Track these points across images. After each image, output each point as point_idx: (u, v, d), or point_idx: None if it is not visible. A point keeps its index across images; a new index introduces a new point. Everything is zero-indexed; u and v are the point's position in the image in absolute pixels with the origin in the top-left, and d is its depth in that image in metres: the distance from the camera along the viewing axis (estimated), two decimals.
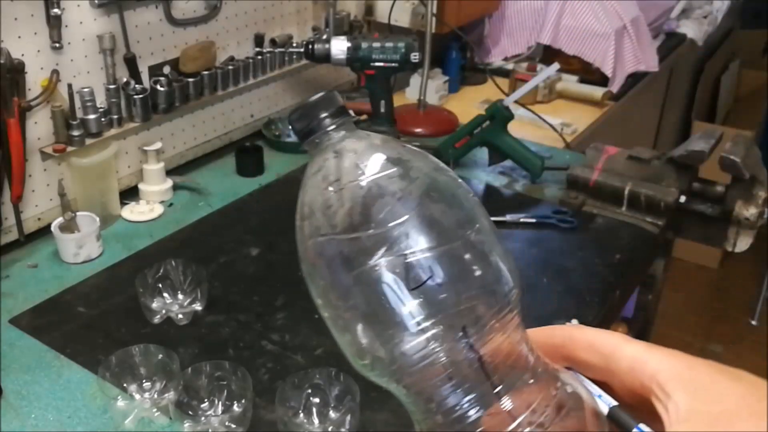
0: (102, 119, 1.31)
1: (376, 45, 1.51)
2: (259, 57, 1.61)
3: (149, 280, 1.08)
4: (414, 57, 1.52)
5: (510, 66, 2.26)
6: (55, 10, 1.19)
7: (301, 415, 0.89)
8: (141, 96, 1.36)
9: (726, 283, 3.21)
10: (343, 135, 0.39)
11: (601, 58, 2.13)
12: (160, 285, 1.10)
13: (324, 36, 1.63)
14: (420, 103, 1.84)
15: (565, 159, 1.62)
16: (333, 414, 0.89)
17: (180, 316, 1.08)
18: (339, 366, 0.90)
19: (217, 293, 1.14)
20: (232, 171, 1.57)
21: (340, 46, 1.51)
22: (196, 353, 1.03)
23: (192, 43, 1.47)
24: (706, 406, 0.32)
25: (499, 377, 0.35)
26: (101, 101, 1.32)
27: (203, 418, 0.90)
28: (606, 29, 2.11)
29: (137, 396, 0.93)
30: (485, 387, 0.35)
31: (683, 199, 1.36)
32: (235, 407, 0.89)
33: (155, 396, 0.92)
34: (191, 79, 1.46)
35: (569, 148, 1.79)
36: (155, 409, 0.91)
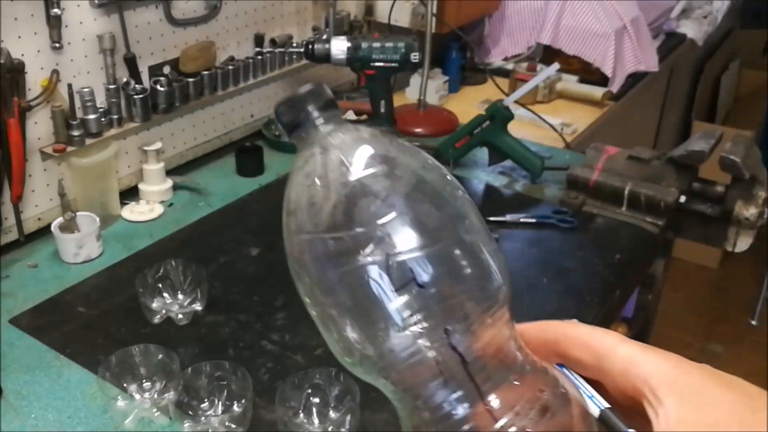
0: (102, 119, 1.31)
1: (376, 45, 1.51)
2: (259, 57, 1.61)
3: (149, 280, 1.08)
4: (414, 57, 1.52)
5: (510, 66, 2.26)
6: (55, 10, 1.19)
7: (301, 415, 0.89)
8: (141, 96, 1.36)
9: (726, 283, 3.21)
10: (331, 129, 0.38)
11: (601, 58, 2.13)
12: (160, 285, 1.10)
13: (324, 36, 1.63)
14: (420, 103, 1.84)
15: (565, 159, 1.62)
16: (333, 414, 0.89)
17: (180, 316, 1.08)
18: (339, 366, 0.89)
19: (217, 293, 1.14)
20: (232, 171, 1.57)
21: (340, 46, 1.51)
22: (196, 353, 1.03)
23: (192, 43, 1.47)
24: (696, 414, 0.32)
25: (486, 376, 0.35)
26: (101, 101, 1.32)
27: (203, 418, 0.90)
28: (606, 29, 2.11)
29: (137, 396, 0.93)
30: (471, 385, 0.34)
31: (683, 199, 1.36)
32: (235, 407, 0.89)
33: (155, 396, 0.92)
34: (191, 79, 1.46)
35: (569, 148, 1.79)
36: (155, 409, 0.91)
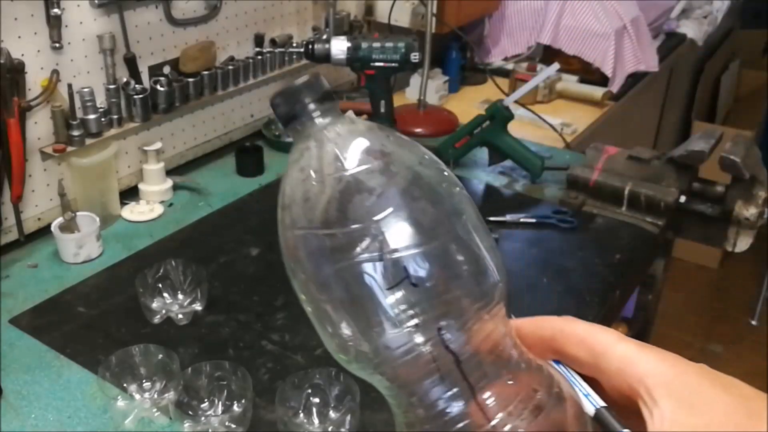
0: (102, 119, 1.31)
1: (376, 45, 1.51)
2: (259, 57, 1.61)
3: (149, 280, 1.08)
4: (414, 57, 1.52)
5: (510, 66, 2.26)
6: (55, 10, 1.19)
7: (301, 415, 0.89)
8: (141, 96, 1.36)
9: (726, 283, 3.21)
10: (328, 121, 0.38)
11: (601, 58, 2.13)
12: (160, 285, 1.10)
13: (324, 36, 1.63)
14: (420, 103, 1.84)
15: (565, 159, 1.62)
16: (333, 414, 0.89)
17: (180, 316, 1.08)
18: (339, 366, 0.89)
19: (217, 293, 1.14)
20: (232, 171, 1.57)
21: (340, 46, 1.51)
22: (196, 353, 1.03)
23: (192, 43, 1.47)
24: (691, 416, 0.32)
25: (480, 374, 0.34)
26: (101, 101, 1.32)
27: (203, 418, 0.90)
28: (606, 29, 2.11)
29: (137, 396, 0.93)
30: (464, 384, 0.34)
31: (683, 199, 1.36)
32: (235, 407, 0.89)
33: (155, 396, 0.92)
34: (191, 79, 1.46)
35: (569, 148, 1.79)
36: (155, 409, 0.91)
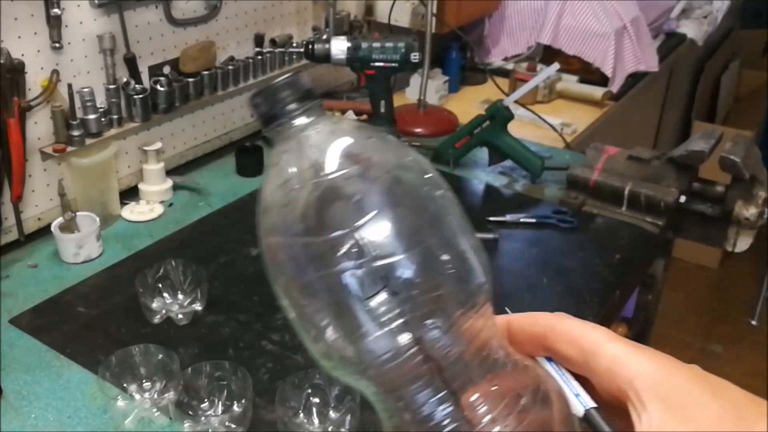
0: (102, 119, 1.31)
1: (376, 45, 1.51)
2: (259, 57, 1.61)
3: (149, 280, 1.08)
4: (414, 57, 1.52)
5: (510, 66, 2.26)
6: (55, 10, 1.19)
7: (301, 415, 0.89)
8: (141, 96, 1.36)
9: (726, 283, 3.21)
10: (308, 122, 0.37)
11: (601, 58, 2.13)
12: (160, 285, 1.10)
13: (324, 36, 1.63)
14: (420, 103, 1.84)
15: (565, 159, 1.62)
16: (333, 414, 0.89)
17: (180, 316, 1.08)
18: None
19: (217, 293, 1.14)
20: (232, 171, 1.57)
21: (340, 46, 1.51)
22: (196, 353, 1.03)
23: (192, 43, 1.47)
24: (678, 422, 0.32)
25: (466, 378, 0.34)
26: (101, 101, 1.32)
27: (203, 418, 0.90)
28: (606, 29, 2.11)
29: (137, 396, 0.93)
30: (450, 388, 0.34)
31: (683, 199, 1.36)
32: (235, 407, 0.89)
33: (155, 396, 0.92)
34: (191, 79, 1.46)
35: (569, 148, 1.79)
36: (155, 409, 0.91)
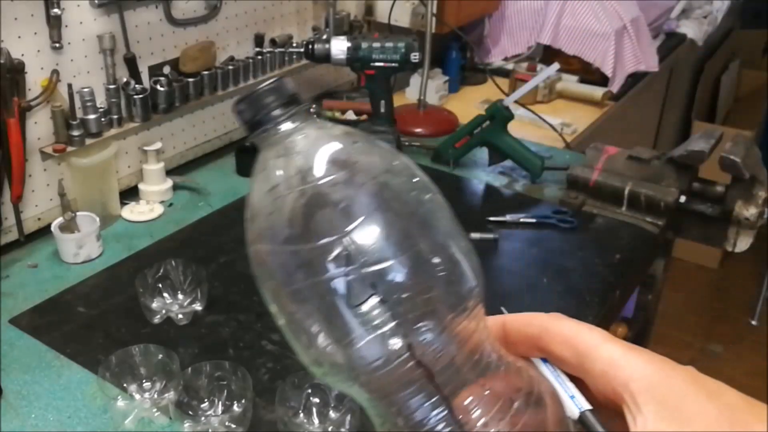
0: (102, 119, 1.31)
1: (376, 45, 1.51)
2: (259, 57, 1.61)
3: (149, 280, 1.08)
4: (414, 57, 1.52)
5: (510, 66, 2.26)
6: (55, 10, 1.19)
7: (301, 415, 0.89)
8: (141, 96, 1.36)
9: (726, 283, 3.21)
10: (294, 127, 0.36)
11: (601, 58, 2.13)
12: (160, 285, 1.10)
13: (324, 36, 1.63)
14: (420, 103, 1.84)
15: (565, 159, 1.62)
16: (333, 414, 0.89)
17: (180, 316, 1.08)
18: None
19: (217, 293, 1.14)
20: (232, 171, 1.57)
21: (340, 46, 1.51)
22: (196, 353, 1.03)
23: (192, 43, 1.47)
24: (673, 426, 0.32)
25: (458, 382, 0.34)
26: (101, 101, 1.32)
27: (203, 418, 0.90)
28: (606, 29, 2.11)
29: (137, 396, 0.93)
30: (442, 394, 0.34)
31: (683, 199, 1.36)
32: (235, 407, 0.89)
33: (155, 396, 0.92)
34: (191, 79, 1.46)
35: (569, 148, 1.79)
36: (155, 409, 0.91)
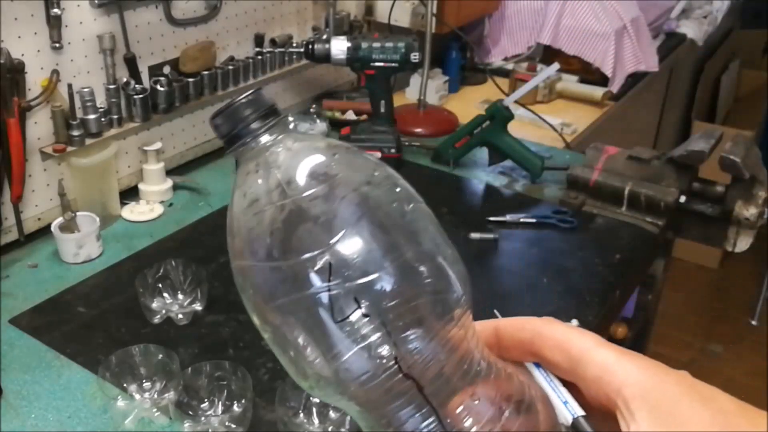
0: (102, 119, 1.31)
1: (376, 45, 1.51)
2: (259, 57, 1.61)
3: (149, 280, 1.08)
4: (414, 57, 1.52)
5: (510, 66, 2.26)
6: (55, 10, 1.19)
7: (301, 415, 0.89)
8: (141, 96, 1.36)
9: (726, 283, 3.21)
10: (272, 140, 0.36)
11: (601, 58, 2.12)
12: (160, 285, 1.10)
13: (324, 36, 1.63)
14: (420, 103, 1.84)
15: (565, 159, 1.62)
16: (333, 414, 0.89)
17: (180, 316, 1.08)
18: None
19: (217, 293, 1.14)
20: (232, 171, 1.57)
21: (340, 46, 1.51)
22: (196, 353, 1.03)
23: (192, 43, 1.47)
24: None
25: (449, 391, 0.34)
26: (101, 101, 1.32)
27: (203, 418, 0.90)
28: (606, 29, 2.11)
29: (137, 396, 0.93)
30: (431, 405, 0.34)
31: (683, 199, 1.36)
32: (235, 407, 0.89)
33: (155, 396, 0.92)
34: (191, 79, 1.46)
35: (569, 148, 1.79)
36: (155, 409, 0.91)
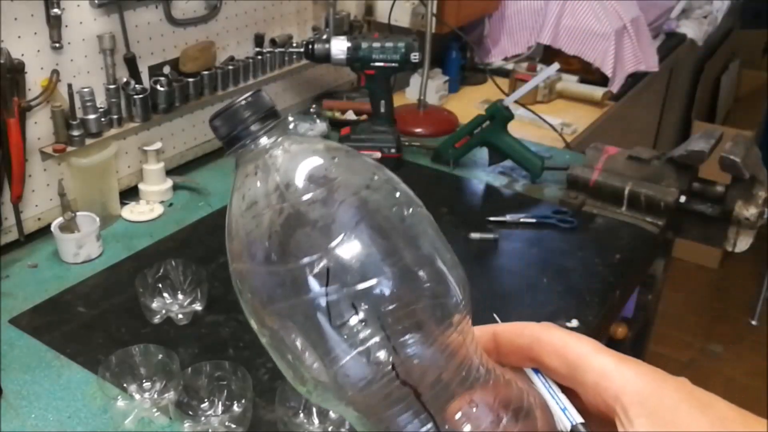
0: (102, 119, 1.31)
1: (376, 45, 1.51)
2: (259, 57, 1.61)
3: (149, 280, 1.08)
4: (414, 57, 1.52)
5: (510, 66, 2.26)
6: (55, 10, 1.19)
7: (301, 415, 0.89)
8: (141, 96, 1.36)
9: (726, 283, 3.21)
10: (272, 142, 0.36)
11: (601, 58, 2.12)
12: (160, 285, 1.10)
13: (324, 36, 1.63)
14: (420, 103, 1.84)
15: (565, 159, 1.62)
16: (333, 414, 0.89)
17: (180, 316, 1.08)
18: None
19: (217, 293, 1.14)
20: (232, 171, 1.53)
21: (340, 46, 1.51)
22: (196, 353, 1.03)
23: (192, 43, 1.47)
24: None
25: (447, 396, 0.34)
26: (101, 101, 1.32)
27: (203, 418, 0.90)
28: (606, 29, 2.11)
29: (137, 396, 0.93)
30: (428, 412, 0.33)
31: (683, 199, 1.36)
32: (235, 407, 0.89)
33: (155, 396, 0.92)
34: (191, 79, 1.46)
35: (569, 148, 1.79)
36: (155, 409, 0.91)
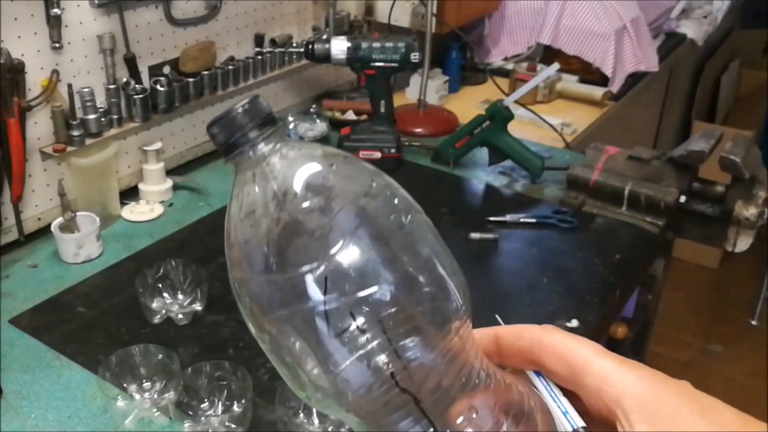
0: (102, 119, 1.31)
1: (376, 45, 1.51)
2: (259, 57, 1.61)
3: (149, 280, 1.08)
4: (414, 57, 1.52)
5: (510, 66, 2.26)
6: (55, 10, 1.19)
7: (301, 415, 0.89)
8: (141, 96, 1.36)
9: (726, 283, 3.21)
10: (270, 149, 0.36)
11: (601, 58, 2.12)
12: (160, 285, 1.10)
13: (324, 36, 1.63)
14: (420, 103, 1.84)
15: (565, 159, 1.62)
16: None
17: (180, 316, 1.08)
18: None
19: (217, 293, 1.14)
20: (232, 171, 1.55)
21: (340, 46, 1.51)
22: (196, 353, 1.03)
23: (192, 43, 1.47)
24: None
25: (447, 402, 0.34)
26: (101, 101, 1.32)
27: (203, 418, 0.90)
28: (606, 29, 2.11)
29: (137, 396, 0.93)
30: (428, 418, 0.33)
31: (683, 199, 1.36)
32: (235, 407, 0.89)
33: (155, 396, 0.92)
34: (191, 79, 1.46)
35: (569, 148, 1.79)
36: (155, 409, 0.91)
